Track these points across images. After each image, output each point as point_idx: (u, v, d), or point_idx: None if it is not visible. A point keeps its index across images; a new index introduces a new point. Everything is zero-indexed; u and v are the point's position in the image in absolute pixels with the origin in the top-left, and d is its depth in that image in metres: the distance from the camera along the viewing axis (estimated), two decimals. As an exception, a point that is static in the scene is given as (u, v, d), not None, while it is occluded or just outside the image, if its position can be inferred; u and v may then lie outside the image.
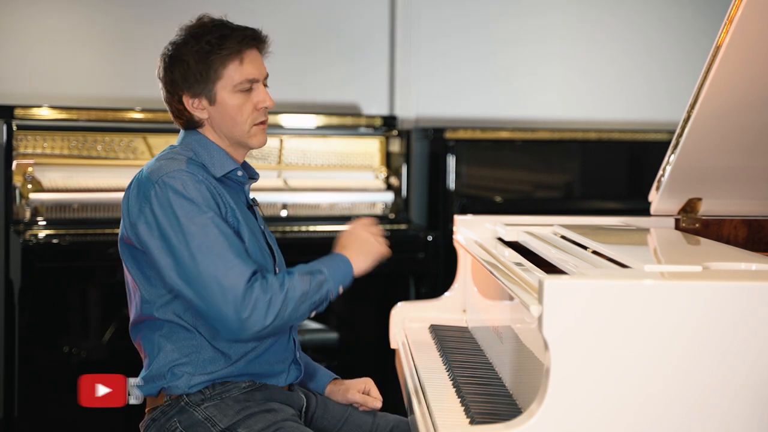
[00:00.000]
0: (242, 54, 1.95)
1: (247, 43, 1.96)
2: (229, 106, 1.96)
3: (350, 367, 3.89)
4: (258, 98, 1.98)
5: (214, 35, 1.94)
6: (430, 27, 4.60)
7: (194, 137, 2.01)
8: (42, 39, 4.07)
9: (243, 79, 1.95)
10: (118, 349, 3.54)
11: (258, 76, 1.98)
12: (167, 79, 1.98)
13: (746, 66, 2.14)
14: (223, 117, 1.97)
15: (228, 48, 1.93)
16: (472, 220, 2.60)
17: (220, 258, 1.83)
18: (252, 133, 1.99)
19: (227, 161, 2.00)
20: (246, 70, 1.95)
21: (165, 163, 1.92)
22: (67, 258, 3.42)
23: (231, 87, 1.95)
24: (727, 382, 1.50)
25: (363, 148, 4.16)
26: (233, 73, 1.95)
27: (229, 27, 1.97)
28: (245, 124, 1.98)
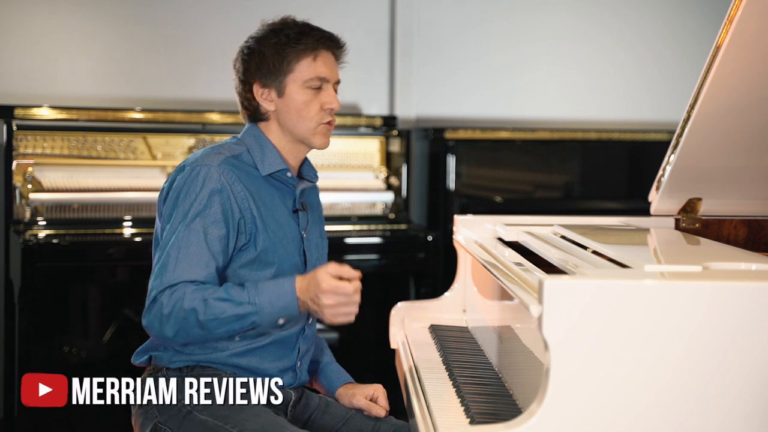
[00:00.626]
0: (317, 52, 2.02)
1: (323, 44, 2.03)
2: (297, 100, 2.01)
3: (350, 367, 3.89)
4: (325, 99, 2.03)
5: (293, 30, 2.01)
6: (430, 27, 4.60)
7: (254, 131, 2.07)
8: (42, 39, 4.07)
9: (314, 75, 2.01)
10: (118, 349, 3.54)
11: (329, 76, 2.03)
12: (242, 68, 2.04)
13: (746, 66, 2.14)
14: (289, 111, 2.02)
15: (304, 44, 2.00)
16: (472, 220, 2.60)
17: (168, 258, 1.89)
18: (317, 131, 2.04)
19: (277, 160, 2.04)
20: (318, 67, 2.01)
21: (205, 153, 2.00)
22: (67, 258, 3.42)
23: (301, 82, 2.01)
24: (727, 382, 1.50)
25: (363, 148, 4.16)
26: (305, 68, 2.01)
27: (309, 26, 2.05)
28: (311, 121, 2.02)
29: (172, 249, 1.89)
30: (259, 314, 1.86)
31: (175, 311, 1.84)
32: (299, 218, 2.09)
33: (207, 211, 1.92)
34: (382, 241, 3.85)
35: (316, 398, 2.14)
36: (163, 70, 4.22)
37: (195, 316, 1.84)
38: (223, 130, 3.88)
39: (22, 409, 3.43)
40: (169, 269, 1.87)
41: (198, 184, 1.94)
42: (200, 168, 1.95)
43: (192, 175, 1.95)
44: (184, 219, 1.92)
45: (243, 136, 2.08)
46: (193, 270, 1.88)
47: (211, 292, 1.86)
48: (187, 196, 1.93)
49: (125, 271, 3.54)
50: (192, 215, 1.91)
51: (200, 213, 1.92)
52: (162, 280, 1.87)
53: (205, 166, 1.96)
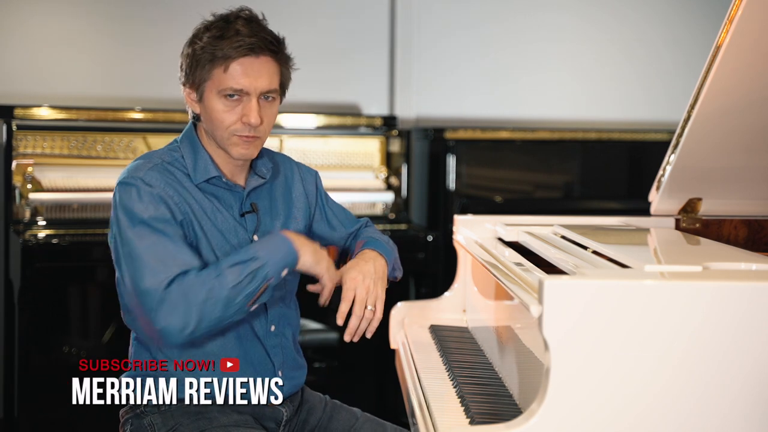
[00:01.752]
0: (230, 61, 1.85)
1: (240, 52, 1.85)
2: (213, 108, 1.88)
3: (350, 367, 3.89)
4: (244, 111, 1.87)
5: (215, 33, 1.87)
6: (430, 27, 4.60)
7: (189, 135, 1.97)
8: (42, 39, 4.07)
9: (227, 86, 1.86)
10: (118, 349, 3.53)
11: (247, 87, 1.86)
12: (180, 64, 1.95)
13: (746, 66, 2.14)
14: (207, 118, 1.91)
15: (219, 50, 1.85)
16: (472, 220, 2.60)
17: (142, 265, 1.78)
18: (232, 142, 1.89)
19: (209, 167, 1.93)
20: (231, 77, 1.86)
21: (136, 165, 1.90)
22: (67, 258, 3.42)
23: (216, 90, 1.87)
24: (727, 382, 1.50)
25: (363, 148, 4.16)
26: (217, 77, 1.87)
27: (235, 29, 1.86)
28: (225, 131, 1.89)
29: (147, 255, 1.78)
30: (268, 264, 1.78)
31: (191, 299, 1.74)
32: (247, 222, 1.96)
33: (155, 212, 1.82)
34: (382, 241, 3.84)
35: (319, 408, 2.09)
36: (163, 70, 4.22)
37: (213, 293, 1.75)
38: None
39: (22, 409, 3.43)
40: (157, 269, 1.76)
41: (135, 196, 1.83)
42: (130, 180, 1.85)
43: (126, 191, 1.84)
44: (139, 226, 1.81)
45: (180, 140, 1.97)
46: (181, 262, 1.78)
47: (213, 267, 1.79)
48: (129, 207, 1.83)
49: (125, 271, 3.54)
50: (144, 219, 1.81)
51: (150, 215, 1.82)
52: (155, 280, 1.75)
53: (132, 178, 1.85)
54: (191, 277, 1.77)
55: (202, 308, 1.75)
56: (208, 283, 1.76)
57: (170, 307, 1.75)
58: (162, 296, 1.75)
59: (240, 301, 1.78)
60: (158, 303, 1.75)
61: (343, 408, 2.13)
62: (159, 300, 1.75)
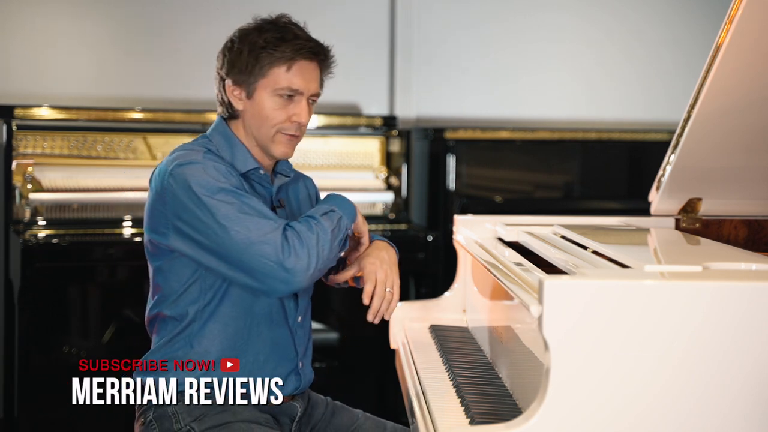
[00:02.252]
0: (293, 61, 1.94)
1: (302, 54, 1.94)
2: (263, 106, 1.95)
3: (350, 367, 3.89)
4: (295, 110, 1.96)
5: (275, 34, 1.94)
6: (430, 27, 4.60)
7: (222, 130, 2.02)
8: (42, 39, 4.07)
9: (285, 85, 1.94)
10: (118, 349, 3.54)
11: (302, 88, 1.95)
12: (220, 62, 2.00)
13: (746, 66, 2.14)
14: (254, 115, 1.97)
15: (281, 51, 1.93)
16: (472, 220, 2.60)
17: (248, 220, 1.83)
18: (276, 139, 1.97)
19: (248, 159, 1.99)
20: (291, 78, 1.94)
21: (180, 154, 1.93)
22: (67, 258, 3.42)
23: (272, 89, 1.94)
24: (727, 382, 1.50)
25: (363, 148, 4.16)
26: (278, 76, 1.94)
27: (294, 32, 1.96)
28: (272, 129, 1.96)
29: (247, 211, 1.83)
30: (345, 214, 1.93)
31: (306, 241, 1.83)
32: (277, 215, 2.01)
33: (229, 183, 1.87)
34: (382, 241, 3.84)
35: (321, 406, 2.12)
36: (163, 70, 4.22)
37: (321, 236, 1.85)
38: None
39: (22, 409, 3.43)
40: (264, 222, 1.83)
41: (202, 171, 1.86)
42: (188, 164, 1.88)
43: (189, 170, 1.87)
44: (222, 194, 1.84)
45: (211, 134, 2.02)
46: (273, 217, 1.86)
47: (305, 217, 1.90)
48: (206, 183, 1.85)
49: (125, 271, 3.54)
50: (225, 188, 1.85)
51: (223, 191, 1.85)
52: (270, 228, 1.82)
53: (191, 161, 1.88)
54: (296, 224, 1.87)
55: (317, 249, 1.85)
56: (312, 228, 1.87)
57: (292, 249, 1.82)
58: (282, 242, 1.82)
59: (336, 245, 1.91)
60: (282, 248, 1.81)
61: (345, 408, 2.16)
62: (281, 245, 1.82)
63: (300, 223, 1.88)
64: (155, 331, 2.00)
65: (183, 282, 1.93)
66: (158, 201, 1.90)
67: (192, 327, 1.94)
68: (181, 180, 1.86)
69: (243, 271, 1.84)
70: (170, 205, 1.88)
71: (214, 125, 2.04)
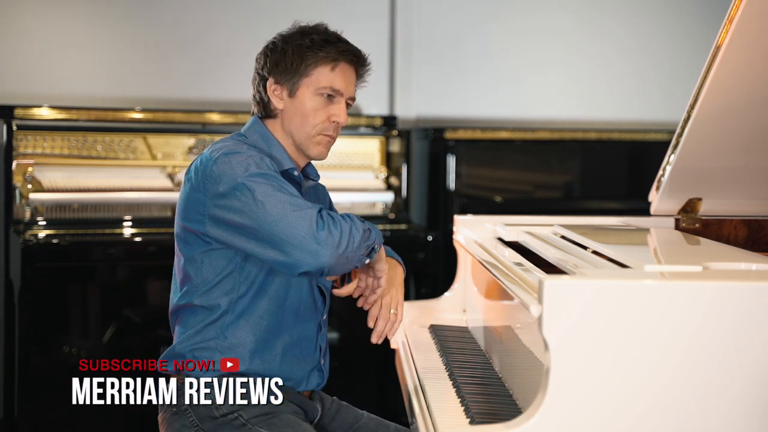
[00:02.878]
0: (337, 62, 2.00)
1: (346, 56, 2.01)
2: (305, 105, 2.00)
3: (350, 367, 3.89)
4: (334, 111, 2.02)
5: (320, 36, 2.01)
6: (430, 27, 4.60)
7: (259, 128, 2.04)
8: (43, 39, 4.07)
9: (328, 85, 2.00)
10: (118, 349, 3.54)
11: (343, 89, 2.02)
12: (262, 61, 2.04)
13: (746, 66, 2.14)
14: (295, 113, 2.01)
15: (326, 51, 1.99)
16: (472, 220, 2.60)
17: (288, 199, 1.85)
18: (316, 140, 2.02)
19: (284, 158, 2.02)
20: (334, 78, 2.00)
21: (225, 144, 1.96)
22: (67, 258, 3.42)
23: (314, 88, 1.99)
24: (727, 382, 1.50)
25: (363, 148, 4.16)
26: (321, 75, 2.00)
27: (337, 37, 2.04)
28: (313, 129, 2.01)
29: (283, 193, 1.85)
30: (374, 232, 1.95)
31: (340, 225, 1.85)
32: None
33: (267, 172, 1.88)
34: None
35: (327, 401, 2.13)
36: (163, 70, 4.22)
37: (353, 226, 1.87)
38: (222, 130, 3.88)
39: (22, 409, 3.43)
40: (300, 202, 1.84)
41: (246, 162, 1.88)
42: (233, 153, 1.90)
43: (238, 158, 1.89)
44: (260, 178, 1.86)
45: (247, 132, 2.05)
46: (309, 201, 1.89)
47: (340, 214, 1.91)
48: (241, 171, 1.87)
49: (125, 271, 3.54)
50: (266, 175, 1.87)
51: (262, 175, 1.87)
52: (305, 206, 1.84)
53: (239, 152, 1.91)
54: (331, 212, 1.88)
55: (349, 235, 1.86)
56: (347, 219, 1.89)
57: (327, 225, 1.83)
58: (317, 217, 1.83)
59: (364, 246, 1.91)
60: (316, 222, 1.82)
61: (349, 407, 2.18)
62: (316, 220, 1.82)
63: (338, 215, 1.91)
64: (180, 321, 2.00)
65: (218, 272, 1.95)
66: (198, 188, 1.92)
67: (225, 318, 1.95)
68: (226, 167, 1.89)
69: (273, 244, 1.84)
70: (210, 191, 1.90)
71: (249, 124, 2.07)
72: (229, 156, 1.90)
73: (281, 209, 1.84)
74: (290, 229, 1.83)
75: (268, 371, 1.96)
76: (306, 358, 2.04)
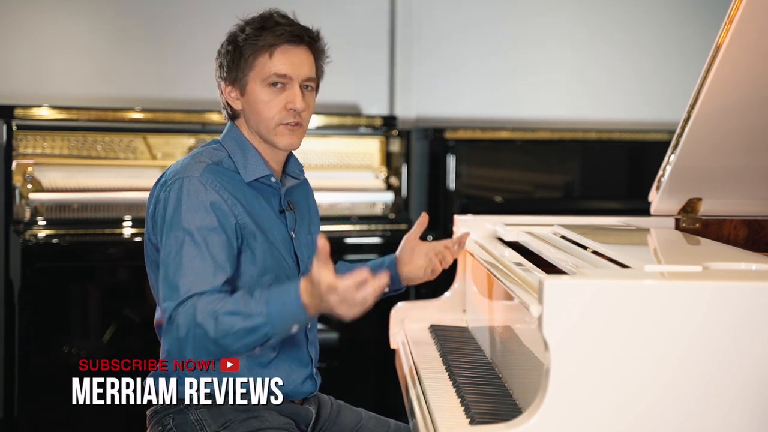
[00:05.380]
0: (274, 48, 1.92)
1: (283, 38, 1.92)
2: (257, 99, 1.94)
3: (350, 367, 3.89)
4: (288, 98, 1.94)
5: (255, 26, 1.93)
6: (430, 27, 4.60)
7: (234, 135, 2.00)
8: (42, 39, 4.07)
9: (271, 72, 1.92)
10: (118, 349, 3.54)
11: (290, 73, 1.93)
12: (216, 67, 2.00)
13: (746, 66, 2.14)
14: (252, 110, 1.96)
15: (263, 39, 1.91)
16: (472, 220, 2.60)
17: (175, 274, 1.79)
18: (278, 131, 1.95)
19: (260, 166, 1.97)
20: (275, 65, 1.92)
21: (186, 164, 1.92)
22: (67, 258, 3.42)
23: (260, 80, 1.93)
24: (727, 382, 1.50)
25: (363, 148, 4.16)
26: (262, 65, 1.92)
27: (275, 20, 1.94)
28: (271, 121, 1.94)
29: (175, 265, 1.80)
30: (270, 324, 1.70)
31: (191, 330, 1.72)
32: (286, 219, 2.02)
33: (202, 221, 1.83)
34: (383, 241, 3.85)
35: (327, 406, 2.12)
36: (163, 70, 4.22)
37: (207, 334, 1.71)
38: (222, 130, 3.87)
39: (22, 409, 3.43)
40: (178, 285, 1.78)
41: (185, 196, 1.85)
42: (183, 180, 1.87)
43: (177, 189, 1.86)
44: (181, 233, 1.82)
45: (224, 140, 2.01)
46: (201, 282, 1.78)
47: (221, 306, 1.73)
48: (177, 209, 1.84)
49: (125, 271, 3.54)
50: (188, 228, 1.82)
51: (196, 224, 1.83)
52: (173, 298, 1.77)
53: (187, 177, 1.87)
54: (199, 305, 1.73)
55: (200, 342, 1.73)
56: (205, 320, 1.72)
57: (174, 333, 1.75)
58: (170, 317, 1.76)
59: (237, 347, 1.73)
60: (167, 323, 1.77)
61: (348, 407, 2.17)
62: (168, 320, 1.77)
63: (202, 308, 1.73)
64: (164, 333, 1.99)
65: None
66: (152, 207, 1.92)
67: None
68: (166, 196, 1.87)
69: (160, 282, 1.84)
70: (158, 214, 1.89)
71: (226, 130, 2.04)
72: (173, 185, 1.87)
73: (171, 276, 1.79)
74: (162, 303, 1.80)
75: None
76: (299, 367, 2.01)
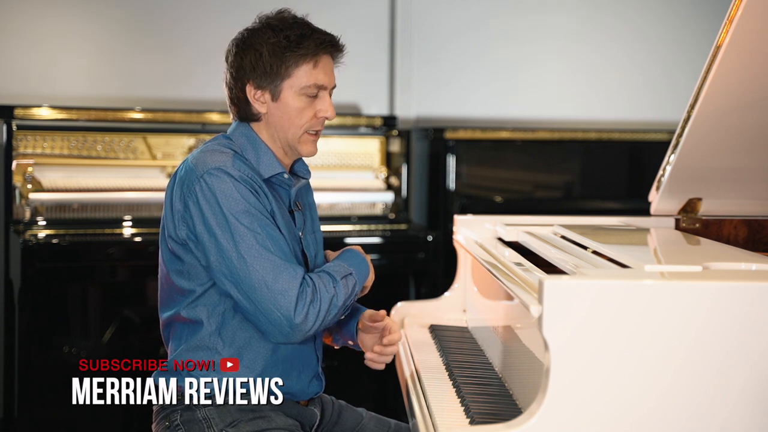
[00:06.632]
0: (318, 58, 1.92)
1: (324, 48, 1.93)
2: (291, 106, 1.93)
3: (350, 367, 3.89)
4: (321, 106, 1.95)
5: (294, 32, 1.91)
6: (430, 27, 4.60)
7: (245, 132, 1.98)
8: (42, 39, 4.07)
9: (312, 83, 1.92)
10: (118, 349, 3.54)
11: (327, 84, 1.95)
12: (236, 64, 1.94)
13: (746, 66, 2.14)
14: (282, 116, 1.94)
15: (305, 48, 1.91)
16: (472, 220, 2.60)
17: (270, 261, 1.82)
18: (303, 139, 1.96)
19: (274, 163, 1.96)
20: (317, 75, 1.93)
21: (211, 155, 1.90)
22: (67, 258, 3.42)
23: (298, 88, 1.92)
24: (728, 382, 1.50)
25: (363, 148, 4.16)
26: (304, 75, 1.92)
27: (309, 27, 1.94)
28: (300, 129, 1.94)
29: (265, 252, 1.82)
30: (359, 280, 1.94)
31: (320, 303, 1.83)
32: (295, 219, 2.02)
33: (253, 212, 1.84)
34: (382, 241, 3.85)
35: (329, 407, 2.12)
36: (163, 70, 4.22)
37: (335, 301, 1.86)
38: (222, 130, 3.86)
39: (22, 408, 3.43)
40: (282, 268, 1.81)
41: (230, 188, 1.84)
42: (219, 173, 1.85)
43: (219, 182, 1.85)
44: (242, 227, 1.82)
45: (234, 136, 1.99)
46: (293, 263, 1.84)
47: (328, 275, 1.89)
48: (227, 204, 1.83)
49: (125, 271, 3.54)
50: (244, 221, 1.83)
51: (249, 214, 1.83)
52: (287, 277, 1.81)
53: (221, 170, 1.86)
54: (316, 280, 1.86)
55: (325, 315, 1.85)
56: (330, 290, 1.86)
57: (304, 309, 1.81)
58: (297, 297, 1.81)
59: (343, 311, 1.91)
60: (295, 304, 1.81)
61: (349, 407, 2.17)
62: (296, 301, 1.81)
63: (320, 278, 1.87)
64: (173, 336, 1.97)
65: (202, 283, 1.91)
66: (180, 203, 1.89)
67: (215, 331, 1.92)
68: (208, 191, 1.85)
69: (251, 303, 1.83)
70: (192, 212, 1.86)
71: (234, 127, 2.01)
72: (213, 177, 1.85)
73: (262, 277, 1.82)
74: (268, 305, 1.81)
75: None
76: (307, 366, 2.01)
